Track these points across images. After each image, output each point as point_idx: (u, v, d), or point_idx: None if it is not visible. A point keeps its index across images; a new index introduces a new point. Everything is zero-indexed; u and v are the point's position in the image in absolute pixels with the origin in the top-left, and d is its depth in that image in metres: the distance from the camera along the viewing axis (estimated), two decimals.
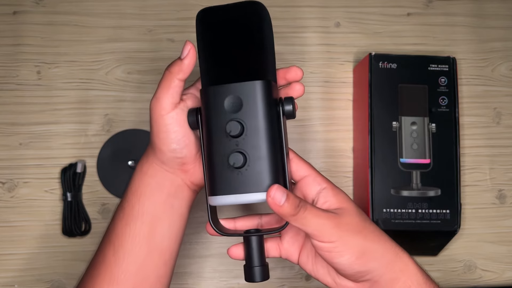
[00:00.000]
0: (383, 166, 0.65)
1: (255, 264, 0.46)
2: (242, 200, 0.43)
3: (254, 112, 0.43)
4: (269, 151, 0.43)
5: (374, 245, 0.44)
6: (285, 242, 0.50)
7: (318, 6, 0.75)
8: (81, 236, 0.69)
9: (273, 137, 0.44)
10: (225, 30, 0.46)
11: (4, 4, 0.72)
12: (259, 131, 0.43)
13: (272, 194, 0.41)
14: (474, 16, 0.77)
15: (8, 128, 0.70)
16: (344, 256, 0.43)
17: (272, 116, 0.44)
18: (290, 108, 0.45)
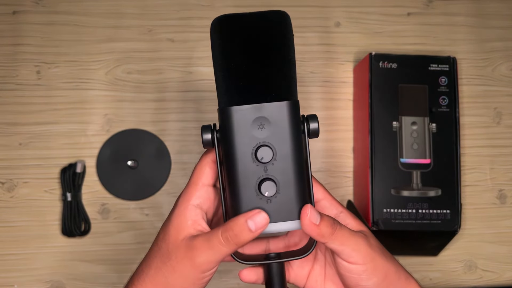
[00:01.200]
0: (383, 166, 0.65)
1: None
2: (274, 230, 0.40)
3: (283, 135, 0.40)
4: (299, 177, 0.40)
5: (392, 267, 0.43)
6: (295, 266, 0.47)
7: (318, 6, 0.75)
8: (80, 236, 0.69)
9: (301, 160, 0.41)
10: (249, 42, 0.41)
11: (3, 4, 0.72)
12: (288, 156, 0.40)
13: (308, 213, 0.40)
14: (474, 16, 0.76)
15: (7, 128, 0.70)
16: (372, 279, 0.42)
17: (299, 137, 0.41)
18: (315, 127, 0.42)
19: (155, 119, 0.71)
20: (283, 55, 0.41)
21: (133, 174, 0.70)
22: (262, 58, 0.40)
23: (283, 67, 0.41)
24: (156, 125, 0.71)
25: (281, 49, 0.41)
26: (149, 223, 0.70)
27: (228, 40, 0.41)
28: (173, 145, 0.71)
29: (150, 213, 0.70)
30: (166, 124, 0.72)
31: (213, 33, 0.43)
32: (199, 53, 0.73)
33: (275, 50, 0.41)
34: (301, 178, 0.41)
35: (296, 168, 0.40)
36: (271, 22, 0.41)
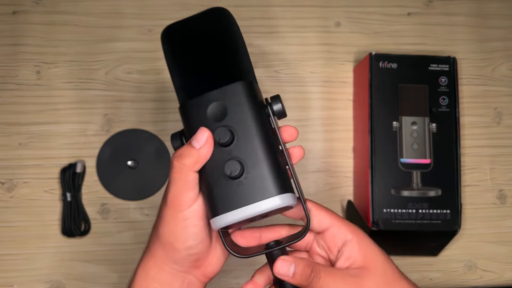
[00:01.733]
0: (383, 166, 0.65)
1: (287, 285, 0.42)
2: (249, 213, 0.38)
3: (241, 115, 0.39)
4: (267, 153, 0.39)
5: None
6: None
7: (318, 6, 0.75)
8: (80, 236, 0.69)
9: (268, 137, 0.40)
10: (194, 41, 0.43)
11: (3, 4, 0.72)
12: (250, 134, 0.39)
13: (277, 270, 0.38)
14: (474, 15, 0.76)
15: (7, 128, 0.70)
16: None
17: (262, 116, 0.40)
18: (279, 107, 0.41)
19: (155, 119, 0.71)
20: (225, 45, 0.42)
21: (133, 174, 0.70)
22: (208, 52, 0.42)
23: (228, 55, 0.42)
24: (156, 125, 0.71)
25: (223, 41, 0.43)
26: (149, 223, 0.70)
27: (175, 44, 0.44)
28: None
29: (150, 213, 0.70)
30: (166, 124, 0.71)
31: (163, 43, 0.46)
32: None
33: (217, 42, 0.42)
34: (271, 154, 0.39)
35: (262, 145, 0.39)
36: (208, 19, 0.44)
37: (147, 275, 0.43)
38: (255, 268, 0.50)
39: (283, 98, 0.42)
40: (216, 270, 0.44)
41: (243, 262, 0.70)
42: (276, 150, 0.40)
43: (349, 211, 0.70)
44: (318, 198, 0.71)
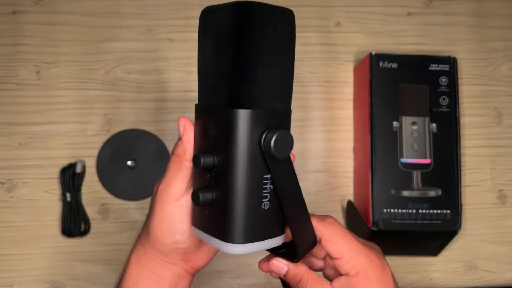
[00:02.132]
0: (384, 166, 0.65)
1: None
2: (215, 246, 0.38)
3: (227, 144, 0.36)
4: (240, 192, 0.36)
5: None
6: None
7: (318, 5, 0.75)
8: (80, 236, 0.69)
9: (249, 175, 0.36)
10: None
11: (3, 4, 0.72)
12: (229, 166, 0.36)
13: (271, 266, 0.42)
14: (474, 15, 0.76)
15: (7, 128, 0.70)
16: None
17: (250, 150, 0.36)
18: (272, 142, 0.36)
19: (155, 119, 0.71)
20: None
21: (133, 174, 0.70)
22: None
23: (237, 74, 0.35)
24: (156, 125, 0.71)
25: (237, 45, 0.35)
26: None
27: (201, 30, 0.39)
28: (173, 145, 0.71)
29: None
30: (166, 124, 0.71)
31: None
32: None
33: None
34: (244, 197, 0.35)
35: (238, 182, 0.35)
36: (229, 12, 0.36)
37: (139, 261, 0.44)
38: (255, 268, 0.50)
39: None
40: (205, 263, 0.46)
41: (243, 262, 0.70)
42: (255, 186, 0.36)
43: (349, 211, 0.70)
44: (318, 198, 0.71)
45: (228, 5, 0.35)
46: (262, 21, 0.35)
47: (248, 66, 0.35)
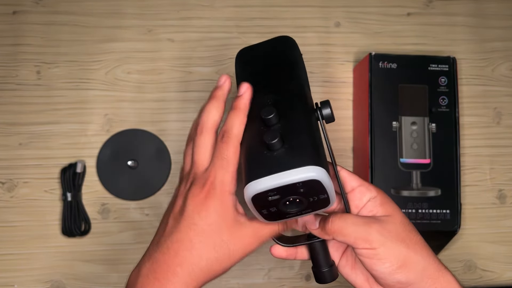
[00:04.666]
0: (383, 166, 0.65)
1: (323, 267, 0.47)
2: (282, 181, 0.38)
3: (290, 106, 0.43)
4: (309, 131, 0.41)
5: (416, 256, 0.42)
6: (330, 246, 0.49)
7: (318, 6, 0.75)
8: (80, 236, 0.69)
9: (311, 122, 0.42)
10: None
11: (3, 4, 0.72)
12: (295, 117, 0.42)
13: (306, 221, 0.45)
14: (474, 16, 0.77)
15: (7, 128, 0.70)
16: (385, 264, 0.41)
17: (310, 112, 0.43)
18: (328, 111, 0.44)
19: (155, 119, 0.71)
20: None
21: (133, 174, 0.70)
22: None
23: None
24: (156, 125, 0.71)
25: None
26: (149, 223, 0.70)
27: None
28: (173, 145, 0.71)
29: (150, 213, 0.70)
30: (166, 124, 0.72)
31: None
32: (199, 53, 0.73)
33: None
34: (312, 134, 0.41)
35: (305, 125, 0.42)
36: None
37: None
38: (254, 268, 0.50)
39: None
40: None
41: (242, 262, 0.70)
42: (316, 134, 0.42)
43: None
44: None
45: (277, 38, 0.52)
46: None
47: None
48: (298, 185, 0.38)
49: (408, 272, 0.42)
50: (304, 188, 0.38)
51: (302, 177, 0.37)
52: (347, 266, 0.48)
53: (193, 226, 0.40)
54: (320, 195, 0.39)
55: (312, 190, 0.39)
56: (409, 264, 0.42)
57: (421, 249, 0.43)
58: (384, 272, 0.42)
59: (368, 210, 0.44)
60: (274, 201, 0.39)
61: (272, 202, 0.39)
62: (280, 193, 0.38)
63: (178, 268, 0.40)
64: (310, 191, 0.39)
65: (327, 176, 0.38)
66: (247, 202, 0.39)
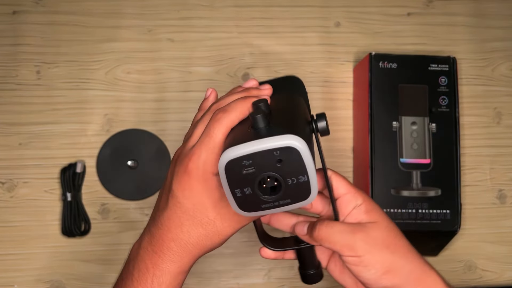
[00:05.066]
0: (383, 166, 0.65)
1: (310, 269, 0.48)
2: (256, 147, 0.37)
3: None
4: (294, 117, 0.41)
5: (401, 261, 0.43)
6: (317, 249, 0.50)
7: (318, 6, 0.75)
8: (80, 236, 0.69)
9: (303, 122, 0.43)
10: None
11: (3, 4, 0.72)
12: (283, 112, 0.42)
13: (296, 230, 0.46)
14: (474, 16, 0.76)
15: (7, 128, 0.70)
16: (370, 271, 0.42)
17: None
18: (323, 124, 0.43)
19: (155, 119, 0.71)
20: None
21: (133, 174, 0.70)
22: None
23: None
24: (156, 125, 0.71)
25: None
26: None
27: None
28: (173, 145, 0.71)
29: (150, 213, 0.70)
30: (166, 124, 0.72)
31: None
32: (199, 53, 0.73)
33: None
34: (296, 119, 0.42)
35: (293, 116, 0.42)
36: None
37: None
38: (254, 268, 0.50)
39: None
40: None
41: (242, 263, 0.70)
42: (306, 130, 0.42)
43: None
44: None
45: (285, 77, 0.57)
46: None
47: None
48: (275, 153, 0.37)
49: (394, 277, 0.43)
50: (281, 161, 0.37)
51: (279, 144, 0.36)
52: (336, 270, 0.49)
53: (178, 205, 0.42)
54: (299, 176, 0.38)
55: (291, 166, 0.37)
56: (394, 270, 0.43)
57: (406, 253, 0.44)
58: (370, 279, 0.43)
59: (353, 218, 0.45)
60: (249, 177, 0.37)
61: (247, 178, 0.37)
62: (255, 165, 0.37)
63: (172, 243, 0.42)
64: (288, 168, 0.37)
65: (307, 149, 0.37)
66: (220, 173, 0.38)
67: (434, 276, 0.44)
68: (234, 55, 0.73)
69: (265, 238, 0.48)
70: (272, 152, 0.37)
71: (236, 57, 0.73)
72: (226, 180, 0.38)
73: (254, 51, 0.73)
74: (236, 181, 0.38)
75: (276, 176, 0.38)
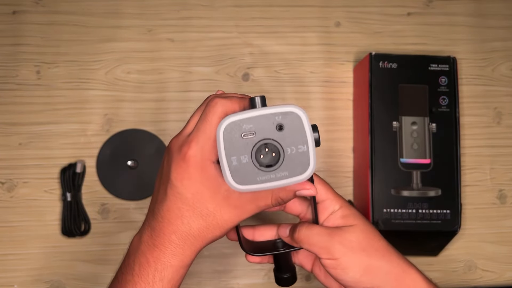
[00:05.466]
0: (383, 166, 0.65)
1: (285, 273, 0.50)
2: (251, 114, 0.37)
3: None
4: None
5: (379, 262, 0.44)
6: (300, 253, 0.51)
7: (318, 5, 0.75)
8: (80, 236, 0.69)
9: None
10: None
11: (3, 4, 0.72)
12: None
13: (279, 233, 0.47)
14: (474, 15, 0.76)
15: (7, 128, 0.70)
16: (348, 273, 0.43)
17: None
18: (316, 136, 0.41)
19: (155, 119, 0.71)
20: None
21: (133, 174, 0.70)
22: None
23: None
24: (156, 125, 0.71)
25: None
26: None
27: None
28: None
29: None
30: (166, 124, 0.71)
31: None
32: (199, 53, 0.73)
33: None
34: None
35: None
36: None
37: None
38: (254, 268, 0.51)
39: (283, 98, 0.43)
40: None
41: (242, 262, 0.70)
42: None
43: None
44: None
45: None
46: None
47: None
48: (277, 118, 0.37)
49: (373, 278, 0.44)
50: (282, 128, 0.37)
51: (281, 109, 0.37)
52: (321, 275, 0.50)
53: (178, 195, 0.41)
54: (299, 146, 0.37)
55: (291, 133, 0.37)
56: (372, 271, 0.44)
57: (384, 254, 0.45)
58: (350, 281, 0.44)
59: (330, 223, 0.46)
60: (248, 143, 0.37)
61: (246, 143, 0.37)
62: (256, 130, 0.37)
63: (173, 236, 0.41)
64: (289, 135, 0.37)
65: (307, 118, 0.37)
66: (217, 138, 0.37)
67: (414, 275, 0.45)
68: (234, 55, 0.73)
69: (247, 244, 0.49)
70: (274, 116, 0.37)
71: (236, 57, 0.73)
72: (223, 145, 0.37)
73: (254, 51, 0.73)
74: (233, 147, 0.37)
75: (276, 143, 0.37)
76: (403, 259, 0.45)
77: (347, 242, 0.44)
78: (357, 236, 0.45)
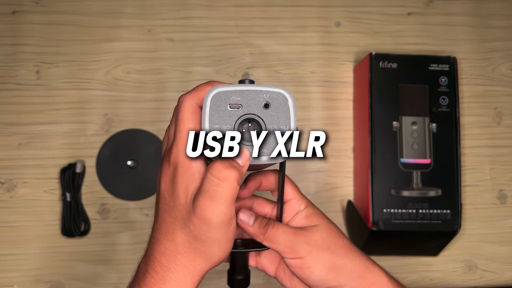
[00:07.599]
0: (383, 166, 0.65)
1: (239, 275, 0.48)
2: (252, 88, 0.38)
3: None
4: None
5: (343, 260, 0.45)
6: (263, 257, 0.50)
7: (318, 5, 0.75)
8: (80, 236, 0.69)
9: None
10: None
11: (3, 4, 0.72)
12: None
13: (241, 216, 0.44)
14: (474, 15, 0.76)
15: (7, 128, 0.70)
16: (314, 272, 0.44)
17: None
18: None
19: (155, 119, 0.71)
20: None
21: (133, 174, 0.70)
22: None
23: None
24: (156, 125, 0.71)
25: None
26: (149, 223, 0.70)
27: None
28: None
29: (149, 213, 0.70)
30: (166, 124, 0.71)
31: None
32: (199, 53, 0.73)
33: None
34: None
35: None
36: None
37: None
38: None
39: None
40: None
41: None
42: None
43: (349, 211, 0.70)
44: (318, 198, 0.71)
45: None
46: None
47: None
48: (265, 96, 0.38)
49: (337, 276, 0.44)
50: (268, 106, 0.38)
51: (270, 89, 0.38)
52: (286, 279, 0.50)
53: (165, 206, 0.41)
54: (281, 127, 0.39)
55: (276, 113, 0.38)
56: (336, 269, 0.44)
57: (347, 252, 0.45)
58: (316, 280, 0.44)
59: (295, 222, 0.46)
60: (233, 114, 0.38)
61: (231, 114, 0.38)
62: (243, 102, 0.38)
63: (162, 257, 0.41)
64: (273, 114, 0.38)
65: (293, 102, 0.39)
66: (204, 105, 0.38)
67: (377, 272, 0.45)
68: (234, 55, 0.73)
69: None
70: (262, 94, 0.38)
71: (236, 57, 0.73)
72: (209, 111, 0.38)
73: (254, 51, 0.73)
74: (218, 116, 0.38)
75: (260, 119, 0.38)
76: (365, 257, 0.46)
77: (311, 241, 0.44)
78: (321, 235, 0.45)
